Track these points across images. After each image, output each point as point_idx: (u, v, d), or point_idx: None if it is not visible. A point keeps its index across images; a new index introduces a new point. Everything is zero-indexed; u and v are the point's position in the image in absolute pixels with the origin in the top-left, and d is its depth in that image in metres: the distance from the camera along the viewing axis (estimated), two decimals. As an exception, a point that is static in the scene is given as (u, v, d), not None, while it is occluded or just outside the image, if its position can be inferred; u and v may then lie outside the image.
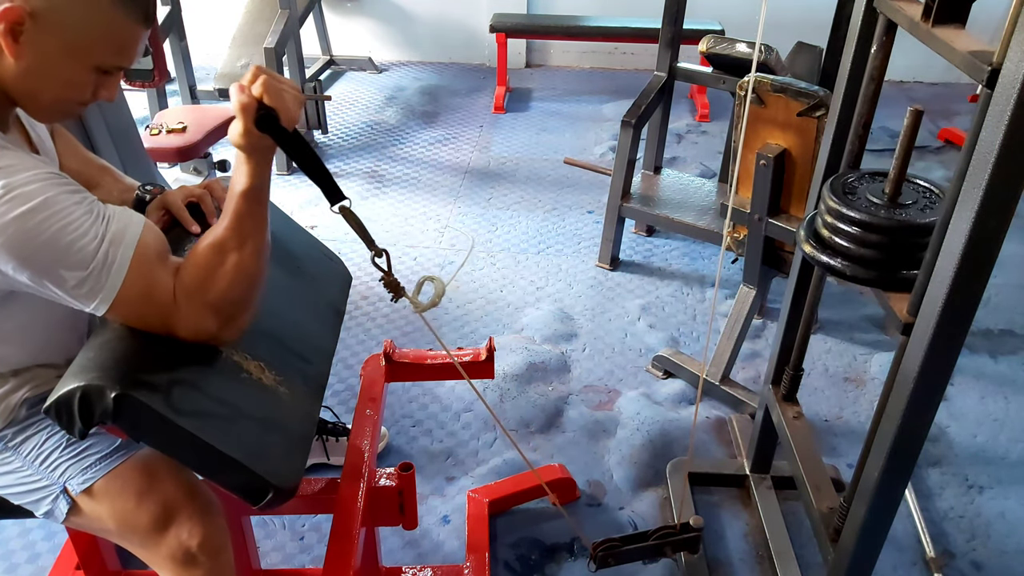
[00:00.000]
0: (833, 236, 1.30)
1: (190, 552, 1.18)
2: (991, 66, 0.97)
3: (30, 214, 0.94)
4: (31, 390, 1.19)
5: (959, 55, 1.06)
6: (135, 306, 1.04)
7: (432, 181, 3.60)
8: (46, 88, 1.03)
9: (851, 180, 1.34)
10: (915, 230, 1.23)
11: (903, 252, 1.26)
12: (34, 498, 1.20)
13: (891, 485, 1.25)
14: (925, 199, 1.29)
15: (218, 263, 1.07)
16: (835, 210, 1.29)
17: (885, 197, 1.28)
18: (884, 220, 1.24)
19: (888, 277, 1.27)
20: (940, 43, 1.12)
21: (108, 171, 1.39)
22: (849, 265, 1.28)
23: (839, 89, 1.43)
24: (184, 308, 1.07)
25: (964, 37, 1.11)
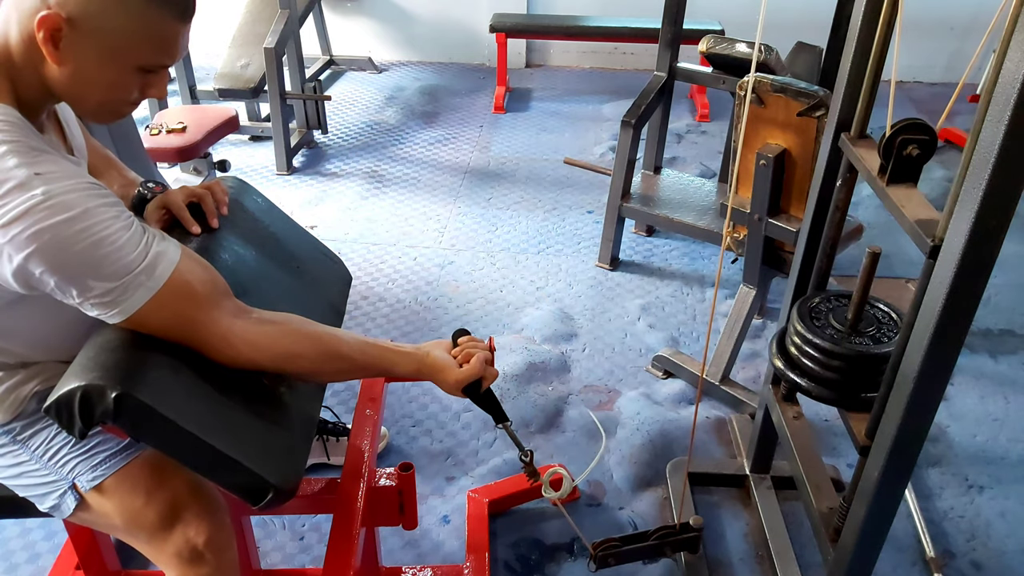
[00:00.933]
0: (800, 356, 1.42)
1: (197, 550, 1.18)
2: (933, 240, 1.07)
3: (69, 223, 0.95)
4: (41, 383, 1.19)
5: (907, 222, 1.15)
6: (157, 324, 1.05)
7: (432, 181, 3.60)
8: (91, 91, 1.04)
9: (817, 303, 1.46)
10: (871, 359, 1.34)
11: (862, 377, 1.36)
12: (40, 492, 1.20)
13: (891, 485, 1.25)
14: (885, 325, 1.40)
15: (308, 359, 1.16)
16: (802, 335, 1.40)
17: (847, 324, 1.39)
18: (844, 349, 1.35)
19: (849, 399, 1.38)
20: (892, 203, 1.21)
21: (112, 162, 1.39)
22: (814, 386, 1.39)
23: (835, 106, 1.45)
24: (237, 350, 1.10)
25: (914, 200, 1.20)
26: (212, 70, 3.84)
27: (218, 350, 1.09)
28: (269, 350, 1.12)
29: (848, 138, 1.40)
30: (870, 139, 1.38)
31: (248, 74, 3.59)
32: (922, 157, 1.22)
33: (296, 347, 1.14)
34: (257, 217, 1.47)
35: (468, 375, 1.22)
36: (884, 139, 1.23)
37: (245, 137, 3.96)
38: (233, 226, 1.38)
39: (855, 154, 1.36)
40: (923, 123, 1.22)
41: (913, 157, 1.22)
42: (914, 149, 1.21)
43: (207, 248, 1.28)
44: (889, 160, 1.23)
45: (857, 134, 1.39)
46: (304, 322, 1.18)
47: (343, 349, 1.18)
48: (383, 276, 2.88)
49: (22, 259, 0.95)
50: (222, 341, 1.09)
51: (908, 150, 1.21)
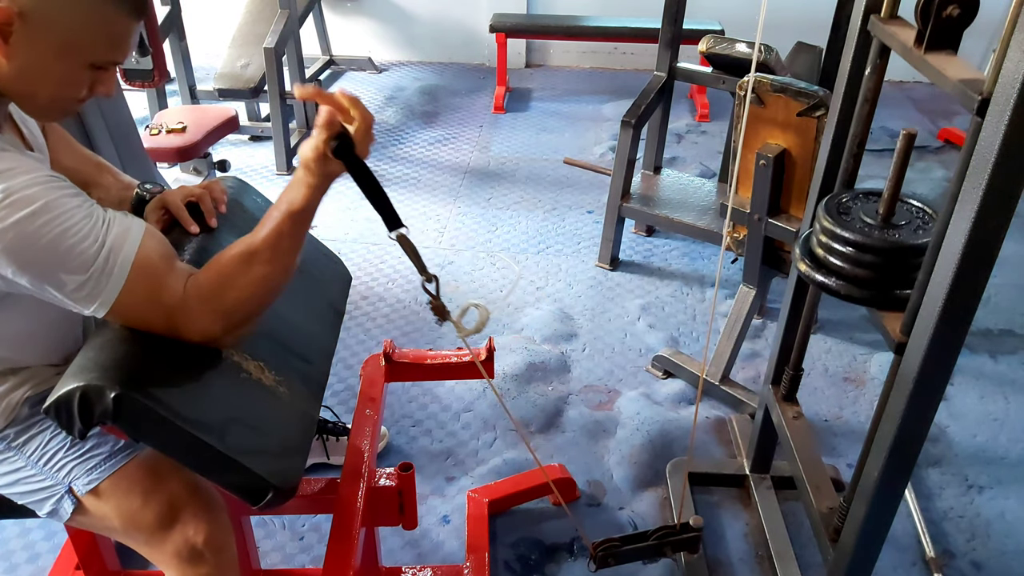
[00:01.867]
0: (827, 255, 1.33)
1: (196, 549, 1.18)
2: (981, 95, 0.99)
3: (30, 218, 0.94)
4: (32, 388, 1.19)
5: (950, 83, 1.07)
6: (136, 309, 1.05)
7: (432, 181, 3.60)
8: (41, 87, 1.02)
9: (845, 200, 1.37)
10: (907, 251, 1.26)
11: (896, 272, 1.28)
12: (37, 498, 1.19)
13: (891, 485, 1.25)
14: (918, 219, 1.32)
15: (243, 273, 1.08)
16: (829, 230, 1.31)
17: (879, 217, 1.31)
18: (877, 241, 1.27)
19: (882, 297, 1.29)
20: (932, 70, 1.13)
21: (106, 169, 1.38)
22: (843, 284, 1.30)
23: (836, 102, 1.43)
24: (195, 310, 1.07)
25: (956, 64, 1.12)
26: (212, 70, 3.84)
27: (185, 323, 1.07)
28: (212, 291, 1.08)
29: (878, 19, 1.31)
30: (902, 19, 1.30)
31: (248, 74, 3.59)
32: (963, 19, 1.13)
33: (225, 270, 1.09)
34: (257, 217, 1.45)
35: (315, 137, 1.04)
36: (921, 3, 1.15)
37: (245, 137, 3.96)
38: (233, 226, 1.38)
39: (887, 31, 1.27)
40: None
41: (953, 19, 1.13)
42: (954, 9, 1.13)
43: (206, 248, 1.28)
44: (927, 25, 1.14)
45: (888, 14, 1.31)
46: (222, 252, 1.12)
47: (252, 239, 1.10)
48: (383, 276, 2.88)
49: None
50: (182, 309, 1.06)
51: (948, 11, 1.13)
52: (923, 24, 1.16)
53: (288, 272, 1.13)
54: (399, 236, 1.11)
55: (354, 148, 1.05)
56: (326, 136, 1.04)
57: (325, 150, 1.04)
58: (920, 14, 1.16)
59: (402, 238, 1.11)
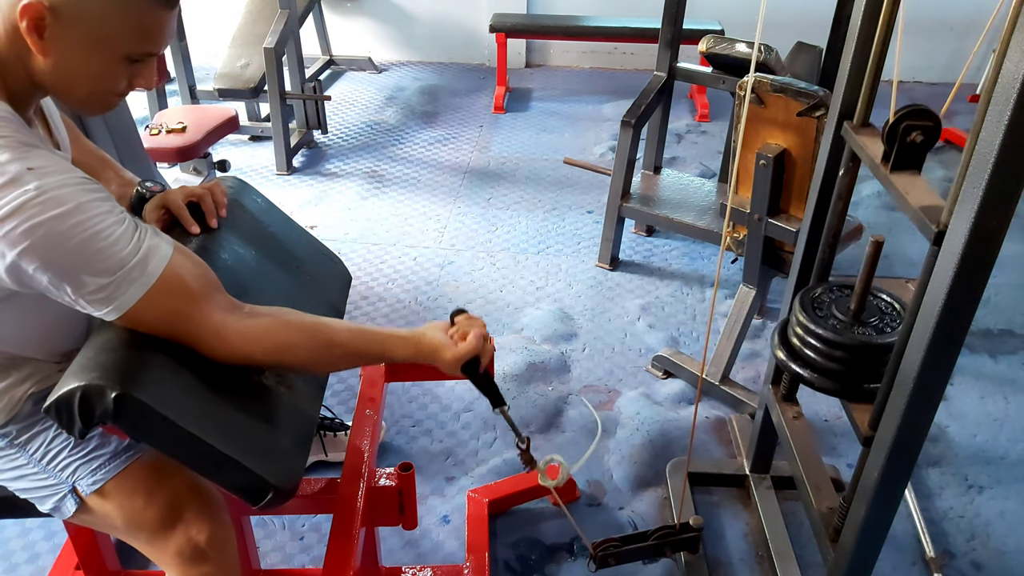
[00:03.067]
0: (802, 347, 1.41)
1: (198, 548, 1.18)
2: (937, 226, 1.06)
3: (62, 218, 0.94)
4: (35, 385, 1.19)
5: (911, 209, 1.14)
6: (150, 321, 1.05)
7: (432, 181, 3.60)
8: (78, 82, 1.03)
9: (819, 294, 1.45)
10: (875, 349, 1.33)
11: (865, 368, 1.35)
12: (39, 495, 1.20)
13: (891, 485, 1.25)
14: (887, 316, 1.38)
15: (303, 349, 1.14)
16: (804, 325, 1.39)
17: (850, 314, 1.38)
18: (846, 339, 1.34)
19: (851, 389, 1.37)
20: (896, 190, 1.19)
21: (109, 163, 1.39)
22: (816, 377, 1.38)
23: (834, 101, 1.44)
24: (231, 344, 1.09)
25: (918, 186, 1.19)
26: (212, 70, 3.84)
27: (211, 345, 1.08)
28: (262, 343, 1.11)
29: (851, 126, 1.38)
30: (873, 127, 1.36)
31: (248, 74, 3.59)
32: (926, 143, 1.20)
33: (290, 338, 1.13)
34: (257, 217, 1.47)
35: (465, 352, 1.19)
36: (888, 125, 1.21)
37: (245, 137, 3.96)
38: (233, 226, 1.38)
39: (858, 142, 1.34)
40: (927, 109, 1.20)
41: (917, 144, 1.20)
42: (918, 135, 1.19)
43: (207, 248, 1.28)
44: (893, 147, 1.21)
45: (860, 123, 1.37)
46: (296, 313, 1.16)
47: (337, 337, 1.16)
48: (383, 276, 2.88)
49: (15, 255, 0.94)
50: (215, 336, 1.08)
51: (912, 136, 1.19)
52: (889, 146, 1.23)
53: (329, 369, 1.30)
54: (501, 411, 1.29)
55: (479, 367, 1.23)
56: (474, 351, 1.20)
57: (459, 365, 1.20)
58: (886, 138, 1.23)
59: (504, 413, 1.30)
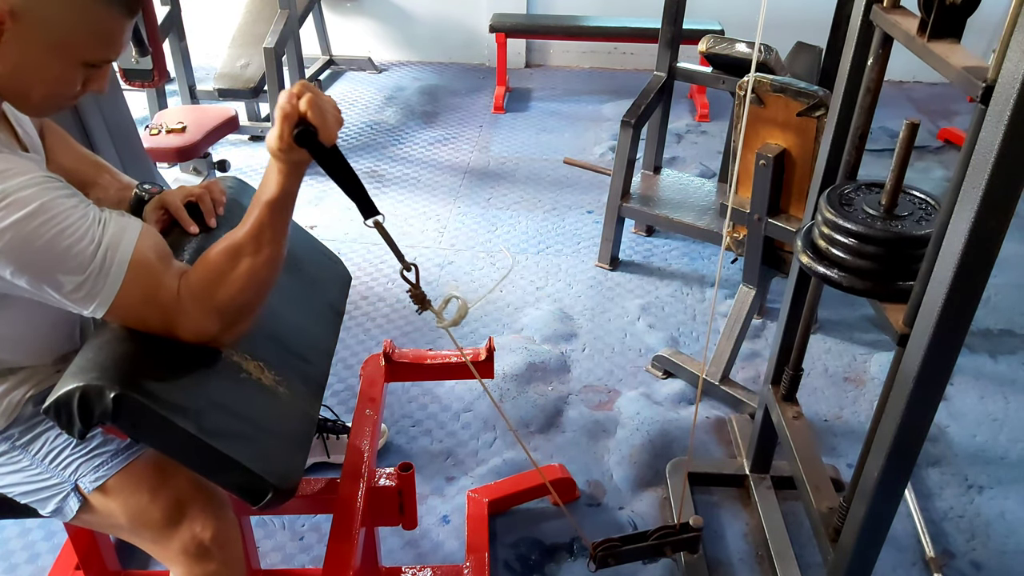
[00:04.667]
0: (830, 247, 1.32)
1: (203, 545, 1.18)
2: (985, 82, 0.98)
3: (27, 219, 0.94)
4: (34, 387, 1.19)
5: (954, 71, 1.07)
6: (134, 308, 1.04)
7: (432, 181, 3.60)
8: (34, 86, 1.02)
9: (848, 191, 1.36)
10: (911, 242, 1.25)
11: (899, 263, 1.27)
12: (41, 496, 1.19)
13: (891, 485, 1.25)
14: (921, 210, 1.31)
15: (231, 267, 1.08)
16: (831, 221, 1.30)
17: (881, 208, 1.30)
18: (880, 232, 1.26)
19: (884, 288, 1.28)
20: (936, 58, 1.13)
21: (105, 168, 1.38)
22: (846, 276, 1.29)
23: (836, 98, 1.43)
24: (189, 309, 1.07)
25: (959, 52, 1.12)
26: (212, 70, 3.84)
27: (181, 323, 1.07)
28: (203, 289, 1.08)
29: (881, 8, 1.31)
30: (903, 8, 1.30)
31: (248, 74, 3.60)
32: (967, 6, 1.13)
33: (214, 266, 1.09)
34: (257, 217, 1.46)
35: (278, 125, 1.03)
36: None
37: (245, 137, 3.95)
38: (232, 226, 1.37)
39: (889, 21, 1.27)
40: None
41: (956, 7, 1.14)
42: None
43: (206, 248, 1.27)
44: (930, 13, 1.14)
45: (891, 4, 1.31)
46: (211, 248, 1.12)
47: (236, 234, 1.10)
48: (383, 276, 2.88)
49: None
50: (176, 306, 1.06)
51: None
52: (926, 13, 1.16)
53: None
54: (375, 223, 1.12)
55: (317, 135, 1.03)
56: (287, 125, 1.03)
57: (287, 136, 1.03)
58: (923, 2, 1.16)
59: (378, 225, 1.12)
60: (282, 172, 1.07)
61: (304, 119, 1.03)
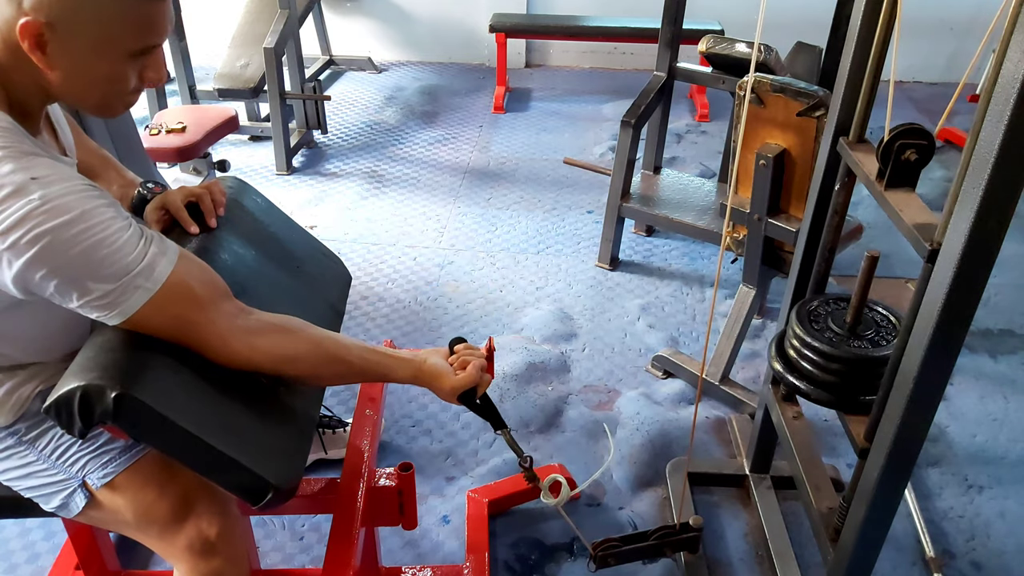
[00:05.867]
0: (799, 359, 1.42)
1: (209, 541, 1.19)
2: (930, 244, 1.07)
3: (67, 226, 0.94)
4: (43, 383, 1.19)
5: (905, 226, 1.15)
6: (154, 325, 1.05)
7: (432, 181, 3.60)
8: (91, 88, 1.04)
9: (816, 307, 1.46)
10: (870, 362, 1.34)
11: (861, 380, 1.36)
12: (46, 492, 1.19)
13: (891, 485, 1.25)
14: (883, 328, 1.40)
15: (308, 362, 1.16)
16: (800, 337, 1.40)
17: (846, 327, 1.39)
18: (843, 352, 1.35)
19: (847, 401, 1.38)
20: (890, 208, 1.21)
21: (111, 163, 1.39)
22: (813, 389, 1.40)
23: (836, 101, 1.44)
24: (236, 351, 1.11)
25: (913, 205, 1.20)
26: (212, 70, 3.84)
27: (216, 351, 1.10)
28: (268, 352, 1.12)
29: (846, 142, 1.40)
30: (868, 143, 1.38)
31: (248, 74, 3.59)
32: (920, 162, 1.22)
33: (295, 350, 1.15)
34: (257, 217, 1.47)
35: (463, 383, 1.23)
36: (882, 144, 1.23)
37: (245, 137, 3.96)
38: (233, 226, 1.38)
39: (853, 159, 1.36)
40: (920, 128, 1.22)
41: (911, 162, 1.22)
42: (912, 154, 1.22)
43: (206, 248, 1.28)
44: (887, 165, 1.23)
45: (856, 138, 1.39)
46: (304, 325, 1.18)
47: (341, 353, 1.19)
48: (383, 276, 2.88)
49: (22, 264, 0.94)
50: (220, 342, 1.09)
51: (906, 155, 1.22)
52: (883, 164, 1.24)
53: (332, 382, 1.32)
54: (503, 434, 1.31)
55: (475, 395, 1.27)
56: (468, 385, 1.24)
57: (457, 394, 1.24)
58: (880, 156, 1.24)
59: (506, 435, 1.31)
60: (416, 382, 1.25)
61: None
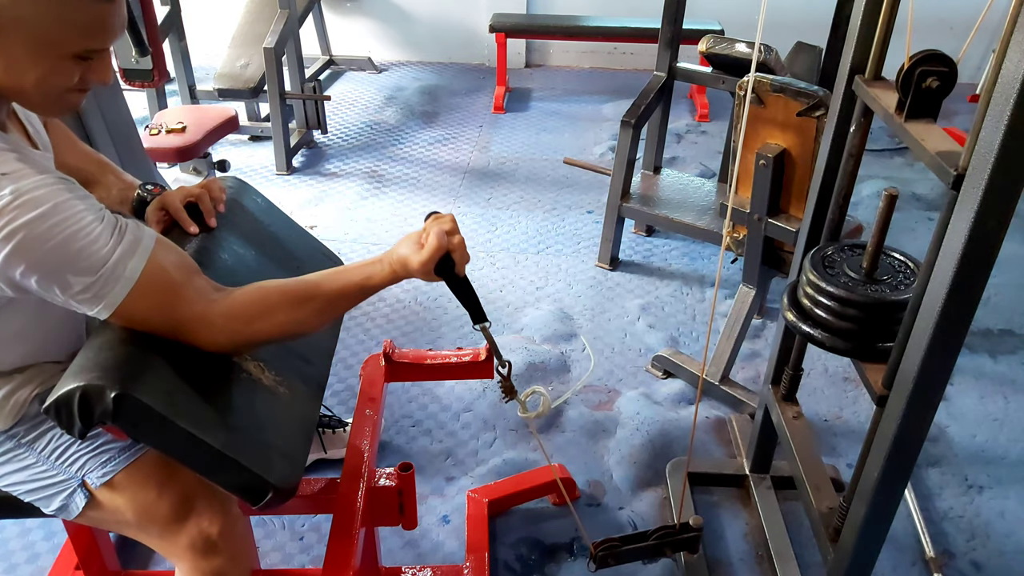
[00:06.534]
0: (813, 307, 1.37)
1: (210, 540, 1.19)
2: (956, 170, 1.02)
3: (40, 219, 0.94)
4: (40, 386, 1.19)
5: (928, 155, 1.11)
6: (142, 315, 1.05)
7: (432, 181, 3.60)
8: (29, 85, 1.00)
9: (831, 253, 1.41)
10: (889, 306, 1.30)
11: (878, 326, 1.31)
12: (47, 494, 1.19)
13: (891, 485, 1.25)
14: (901, 274, 1.36)
15: (288, 310, 1.12)
16: (815, 284, 1.35)
17: (862, 272, 1.35)
18: (860, 296, 1.31)
19: (864, 349, 1.33)
20: (911, 138, 1.16)
21: (108, 167, 1.39)
22: (828, 336, 1.35)
23: (835, 102, 1.44)
24: (218, 325, 1.09)
25: (935, 134, 1.15)
26: (212, 70, 3.84)
27: (199, 333, 1.08)
28: (244, 314, 1.10)
29: (862, 80, 1.34)
30: (886, 80, 1.32)
31: (248, 74, 3.59)
32: (942, 90, 1.16)
33: (269, 301, 1.12)
34: (256, 217, 1.47)
35: (428, 254, 1.13)
36: (902, 72, 1.18)
37: (245, 137, 3.96)
38: (232, 226, 1.38)
39: (870, 94, 1.31)
40: (942, 54, 1.16)
41: (933, 90, 1.17)
42: (933, 81, 1.16)
43: (206, 248, 1.28)
44: (907, 95, 1.18)
45: (872, 76, 1.34)
46: (270, 280, 1.15)
47: (311, 290, 1.14)
48: (383, 276, 2.87)
49: (0, 261, 0.94)
50: (200, 321, 1.08)
51: (927, 82, 1.16)
52: (904, 93, 1.19)
53: (321, 325, 1.19)
54: (482, 328, 1.26)
55: (454, 268, 1.18)
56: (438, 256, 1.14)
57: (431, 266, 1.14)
58: (900, 84, 1.19)
59: (485, 330, 1.26)
60: (396, 275, 1.16)
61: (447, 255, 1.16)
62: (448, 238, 1.14)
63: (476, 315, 1.26)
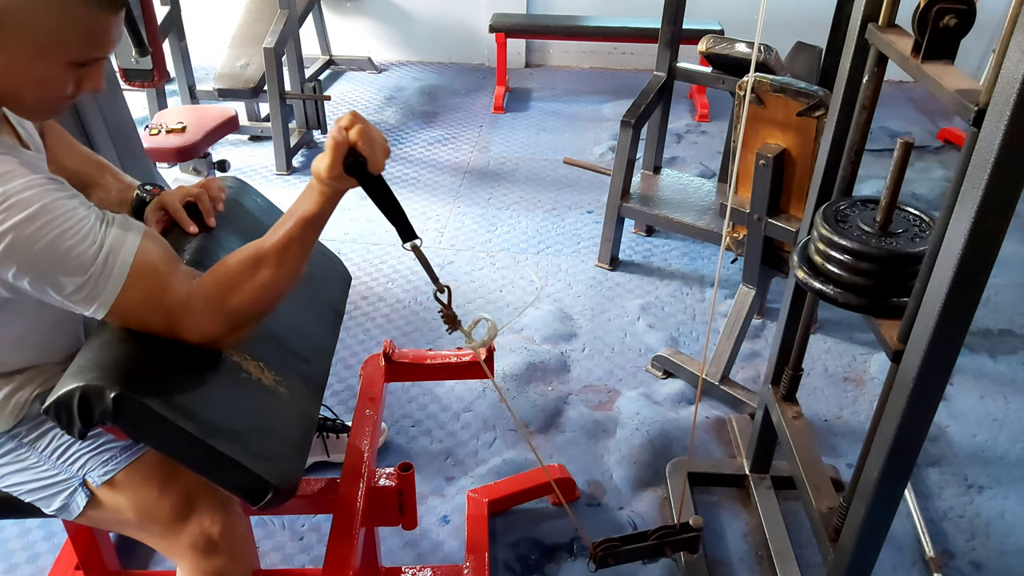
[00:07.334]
0: (825, 263, 1.33)
1: (212, 540, 1.19)
2: (977, 105, 0.99)
3: (28, 221, 0.94)
4: (40, 386, 1.19)
5: (947, 92, 1.08)
6: (135, 311, 1.05)
7: (432, 181, 3.60)
8: (24, 89, 1.01)
9: (843, 207, 1.37)
10: (904, 259, 1.26)
11: (893, 280, 1.28)
12: (48, 494, 1.19)
13: (891, 485, 1.25)
14: (916, 227, 1.32)
15: (250, 276, 1.09)
16: (827, 238, 1.31)
17: (876, 226, 1.31)
18: (874, 249, 1.27)
19: (879, 304, 1.29)
20: (929, 79, 1.14)
21: (107, 168, 1.38)
22: (841, 292, 1.31)
23: (835, 103, 1.43)
24: (198, 311, 1.07)
25: (952, 74, 1.12)
26: (212, 70, 3.84)
27: (187, 323, 1.08)
28: (217, 293, 1.09)
29: (876, 27, 1.32)
30: (899, 27, 1.30)
31: (248, 74, 3.59)
32: (960, 28, 1.13)
33: (231, 273, 1.10)
34: (257, 217, 1.47)
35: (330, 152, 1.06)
36: (919, 10, 1.15)
37: (245, 137, 3.96)
38: (232, 226, 1.38)
39: (884, 41, 1.28)
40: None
41: (950, 28, 1.14)
42: (951, 19, 1.13)
43: (206, 248, 1.28)
44: (924, 34, 1.15)
45: (886, 23, 1.32)
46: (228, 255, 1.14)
47: (262, 243, 1.12)
48: (383, 276, 2.88)
49: None
50: (185, 308, 1.07)
51: (945, 21, 1.14)
52: (920, 34, 1.16)
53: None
54: (412, 247, 1.14)
55: (367, 165, 1.07)
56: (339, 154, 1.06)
57: (337, 165, 1.06)
58: (917, 24, 1.16)
59: (415, 249, 1.14)
60: (324, 195, 1.10)
61: (354, 149, 1.06)
62: (345, 132, 1.06)
63: (403, 230, 1.13)
